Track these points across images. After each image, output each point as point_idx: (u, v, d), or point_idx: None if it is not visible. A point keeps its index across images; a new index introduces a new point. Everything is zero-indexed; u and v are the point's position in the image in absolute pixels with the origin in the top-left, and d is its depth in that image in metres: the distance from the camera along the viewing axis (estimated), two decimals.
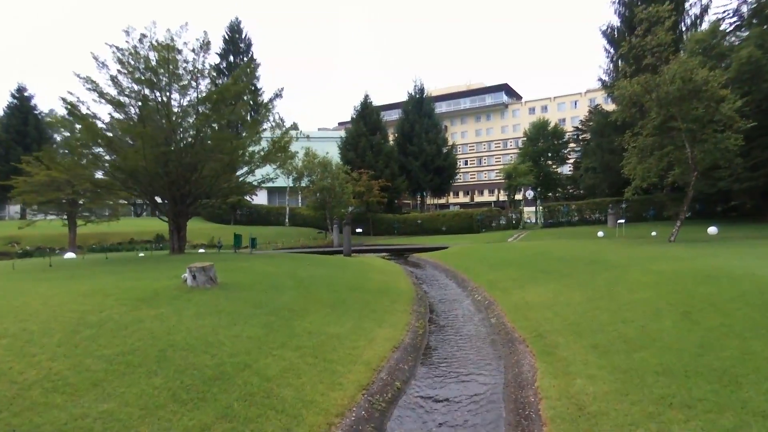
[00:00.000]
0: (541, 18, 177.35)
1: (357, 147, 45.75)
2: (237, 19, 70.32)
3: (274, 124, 27.77)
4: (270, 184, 50.43)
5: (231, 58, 70.55)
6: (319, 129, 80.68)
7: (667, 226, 29.86)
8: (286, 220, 44.80)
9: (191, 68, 16.41)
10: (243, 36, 71.01)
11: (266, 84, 75.31)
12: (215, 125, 17.31)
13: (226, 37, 69.78)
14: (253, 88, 72.99)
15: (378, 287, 11.57)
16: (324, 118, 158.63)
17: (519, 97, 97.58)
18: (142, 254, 22.74)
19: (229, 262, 12.90)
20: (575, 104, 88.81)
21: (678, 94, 16.20)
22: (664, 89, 16.47)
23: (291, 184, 38.86)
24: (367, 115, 47.62)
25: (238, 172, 18.39)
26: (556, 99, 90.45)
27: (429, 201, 67.10)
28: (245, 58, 70.82)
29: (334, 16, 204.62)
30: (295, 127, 41.47)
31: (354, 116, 48.37)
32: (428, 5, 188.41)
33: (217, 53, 70.49)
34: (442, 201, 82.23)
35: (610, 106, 46.84)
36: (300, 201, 47.46)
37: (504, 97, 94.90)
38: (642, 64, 17.37)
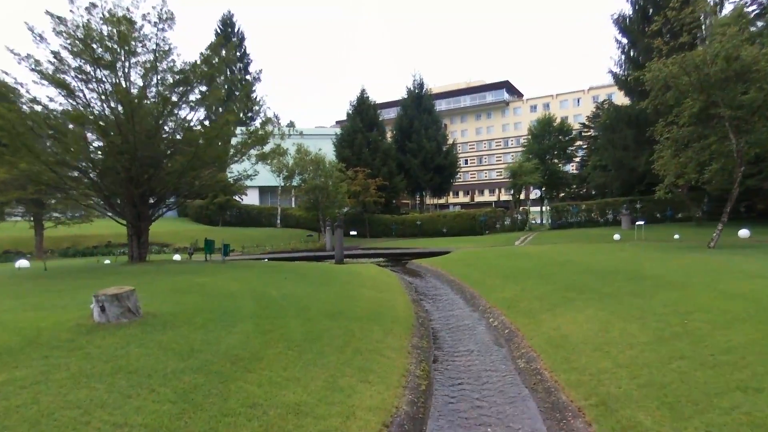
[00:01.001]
0: (543, 15, 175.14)
1: (353, 144, 43.31)
2: (229, 12, 67.97)
3: (264, 117, 25.54)
4: (261, 183, 47.84)
5: (223, 52, 68.18)
6: (316, 128, 78.38)
7: (686, 227, 27.49)
8: (278, 222, 42.38)
9: (153, 46, 13.99)
10: (236, 30, 68.70)
11: (265, 85, 72.92)
12: (180, 113, 14.91)
13: (218, 30, 67.44)
14: (244, 83, 70.84)
15: (368, 310, 9.14)
16: (320, 118, 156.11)
17: (520, 95, 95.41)
18: (107, 261, 20.31)
19: (183, 277, 10.49)
20: (578, 101, 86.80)
21: (722, 76, 13.84)
22: (704, 70, 14.12)
23: (282, 183, 36.40)
24: (364, 110, 45.18)
25: (209, 169, 15.91)
26: (559, 96, 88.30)
27: (429, 201, 64.78)
28: (238, 53, 68.49)
29: (331, 15, 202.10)
30: (291, 124, 38.93)
31: (350, 112, 45.92)
32: (427, 3, 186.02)
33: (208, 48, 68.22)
34: (442, 201, 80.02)
35: (619, 99, 44.50)
36: (294, 201, 45.06)
37: (505, 95, 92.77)
38: (678, 43, 15.00)
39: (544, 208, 38.46)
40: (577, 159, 48.37)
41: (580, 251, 16.44)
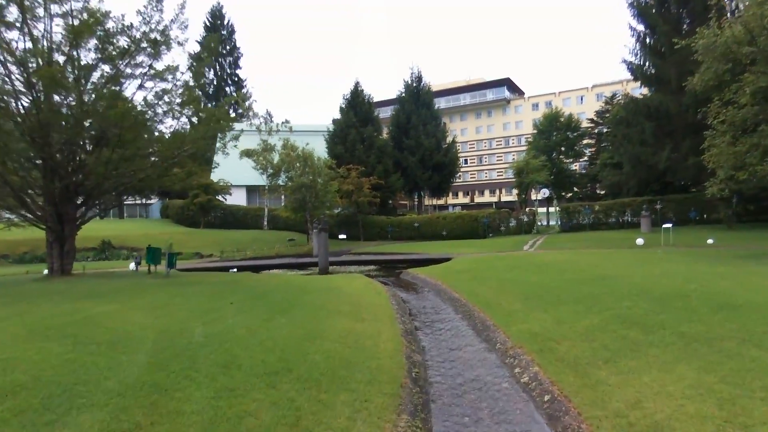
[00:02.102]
0: (545, 12, 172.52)
1: (346, 140, 40.37)
2: (219, 3, 65.11)
3: (250, 113, 22.82)
4: (248, 182, 44.48)
5: (212, 46, 65.15)
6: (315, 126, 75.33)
7: (716, 230, 24.56)
8: (265, 224, 39.33)
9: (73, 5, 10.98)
10: (225, 22, 65.96)
11: (260, 81, 70.13)
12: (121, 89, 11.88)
13: (207, 23, 64.74)
14: (236, 78, 68.08)
15: (336, 358, 6.13)
16: (318, 119, 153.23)
17: (521, 93, 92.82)
18: (46, 271, 17.27)
19: (78, 305, 7.47)
20: (581, 99, 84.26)
21: None
22: None
23: (267, 182, 33.26)
24: (358, 104, 42.24)
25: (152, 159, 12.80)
26: (561, 94, 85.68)
27: (428, 202, 61.93)
28: (228, 47, 65.63)
29: (330, 14, 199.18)
30: (286, 122, 35.72)
31: (343, 106, 42.97)
32: (428, 1, 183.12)
33: (197, 41, 65.09)
34: (441, 202, 77.35)
35: (630, 87, 41.69)
36: (283, 201, 42.12)
37: (506, 93, 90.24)
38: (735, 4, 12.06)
39: (552, 209, 35.53)
40: (585, 158, 45.56)
41: (613, 260, 13.47)
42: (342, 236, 30.57)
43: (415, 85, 46.47)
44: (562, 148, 41.08)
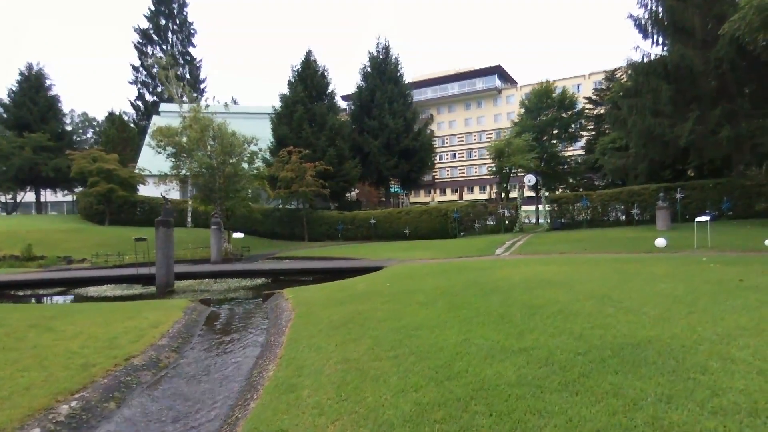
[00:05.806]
0: (538, 1, 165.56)
1: (292, 119, 33.12)
2: None
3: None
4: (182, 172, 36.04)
5: (161, 20, 57.72)
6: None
7: (760, 226, 17.70)
8: (189, 220, 31.99)
9: None
10: None
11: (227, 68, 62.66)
12: None
13: None
14: (189, 57, 60.47)
15: None
16: None
17: (514, 82, 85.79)
18: None
19: None
20: (578, 88, 77.13)
21: None
22: None
23: (170, 170, 25.53)
24: (309, 76, 34.97)
25: None
26: (556, 82, 78.37)
27: (413, 199, 54.73)
28: (178, 21, 58.26)
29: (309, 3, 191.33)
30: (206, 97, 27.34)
31: (292, 79, 35.68)
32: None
33: (145, 15, 57.82)
34: (428, 199, 70.22)
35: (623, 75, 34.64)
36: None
37: (497, 82, 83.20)
38: None
39: (541, 206, 28.45)
40: (581, 143, 38.62)
41: (653, 286, 6.34)
42: (237, 235, 23.07)
43: (381, 57, 39.25)
44: (554, 131, 34.01)
